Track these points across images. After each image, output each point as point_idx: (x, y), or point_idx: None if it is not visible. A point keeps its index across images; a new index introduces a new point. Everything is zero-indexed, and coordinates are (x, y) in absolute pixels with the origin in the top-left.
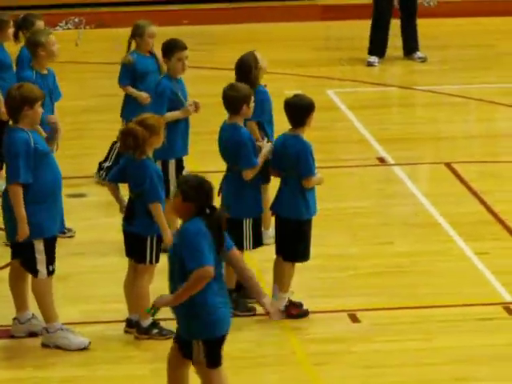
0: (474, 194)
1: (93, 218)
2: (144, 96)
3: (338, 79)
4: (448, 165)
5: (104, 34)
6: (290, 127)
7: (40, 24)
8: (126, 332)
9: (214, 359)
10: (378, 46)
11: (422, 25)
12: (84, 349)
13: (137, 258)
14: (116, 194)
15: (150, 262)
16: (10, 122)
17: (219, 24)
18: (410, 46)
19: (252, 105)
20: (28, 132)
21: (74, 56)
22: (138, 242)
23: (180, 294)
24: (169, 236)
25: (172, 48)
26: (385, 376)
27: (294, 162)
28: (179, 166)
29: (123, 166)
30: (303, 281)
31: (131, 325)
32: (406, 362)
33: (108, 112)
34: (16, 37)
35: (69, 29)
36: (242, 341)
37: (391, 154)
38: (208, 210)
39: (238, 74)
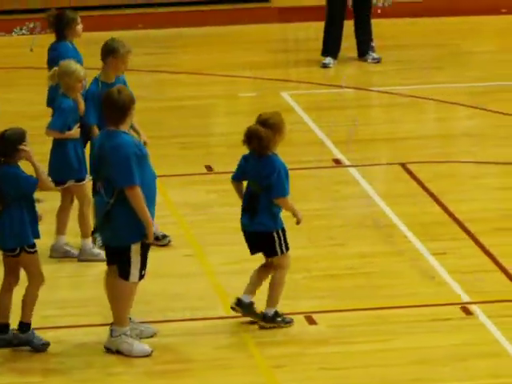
0: (430, 194)
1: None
2: None
3: (293, 81)
4: (403, 165)
5: None
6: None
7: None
8: (232, 309)
9: None
10: (331, 48)
11: (376, 25)
12: (147, 356)
13: (267, 252)
14: (241, 190)
15: (282, 252)
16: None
17: (175, 27)
18: (364, 47)
19: None
20: (130, 135)
21: (29, 61)
22: (265, 239)
23: None
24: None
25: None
26: (342, 378)
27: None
28: None
29: (244, 165)
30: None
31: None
32: (364, 363)
33: None
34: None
35: (23, 34)
36: (199, 344)
37: (347, 155)
38: None
39: None
